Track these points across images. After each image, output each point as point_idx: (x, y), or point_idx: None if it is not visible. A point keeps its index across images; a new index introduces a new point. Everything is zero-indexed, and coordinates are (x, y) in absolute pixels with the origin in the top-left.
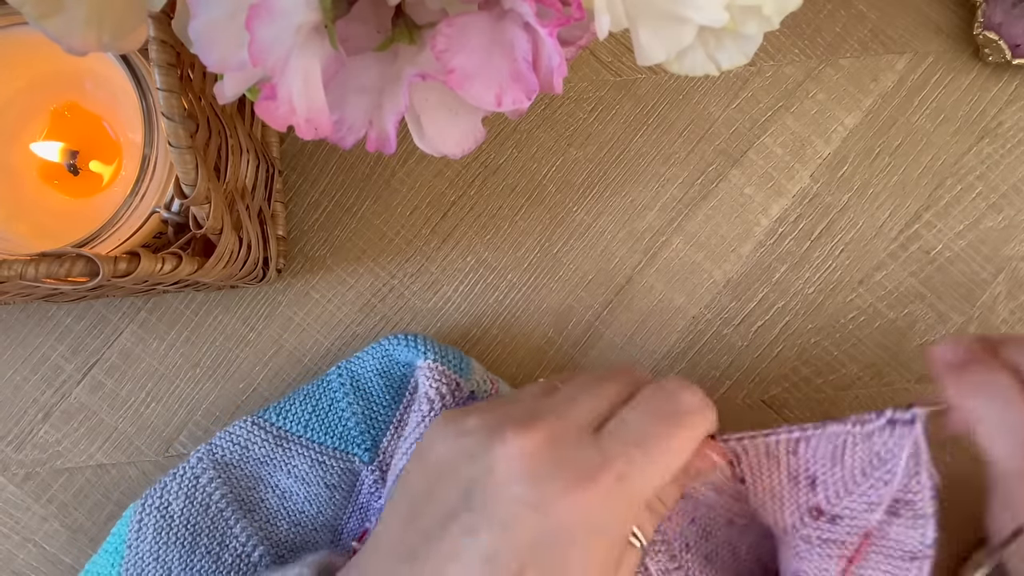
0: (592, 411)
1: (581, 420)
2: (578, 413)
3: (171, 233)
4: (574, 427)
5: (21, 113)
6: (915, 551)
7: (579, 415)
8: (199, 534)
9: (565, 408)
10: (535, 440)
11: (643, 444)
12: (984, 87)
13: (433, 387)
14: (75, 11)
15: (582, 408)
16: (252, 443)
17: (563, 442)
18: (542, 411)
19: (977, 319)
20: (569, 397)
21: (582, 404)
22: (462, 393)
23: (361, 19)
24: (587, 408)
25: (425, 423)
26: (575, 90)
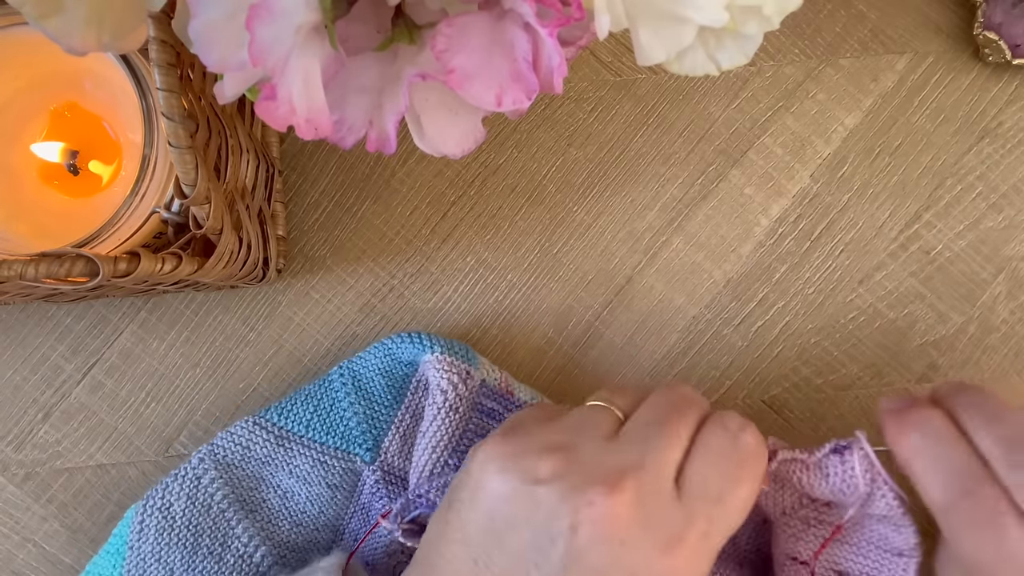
0: (672, 460)
1: (663, 474)
2: (659, 466)
3: (171, 233)
4: (659, 484)
5: (21, 113)
6: (902, 550)
7: (660, 468)
8: (201, 535)
9: (645, 459)
10: (623, 502)
11: (721, 500)
12: (984, 87)
13: (444, 378)
14: (75, 11)
15: (662, 459)
16: (254, 443)
17: (650, 504)
18: (625, 465)
19: (977, 319)
20: (648, 444)
21: (662, 454)
22: (473, 382)
23: (361, 19)
24: (667, 458)
25: (442, 415)
26: (575, 90)
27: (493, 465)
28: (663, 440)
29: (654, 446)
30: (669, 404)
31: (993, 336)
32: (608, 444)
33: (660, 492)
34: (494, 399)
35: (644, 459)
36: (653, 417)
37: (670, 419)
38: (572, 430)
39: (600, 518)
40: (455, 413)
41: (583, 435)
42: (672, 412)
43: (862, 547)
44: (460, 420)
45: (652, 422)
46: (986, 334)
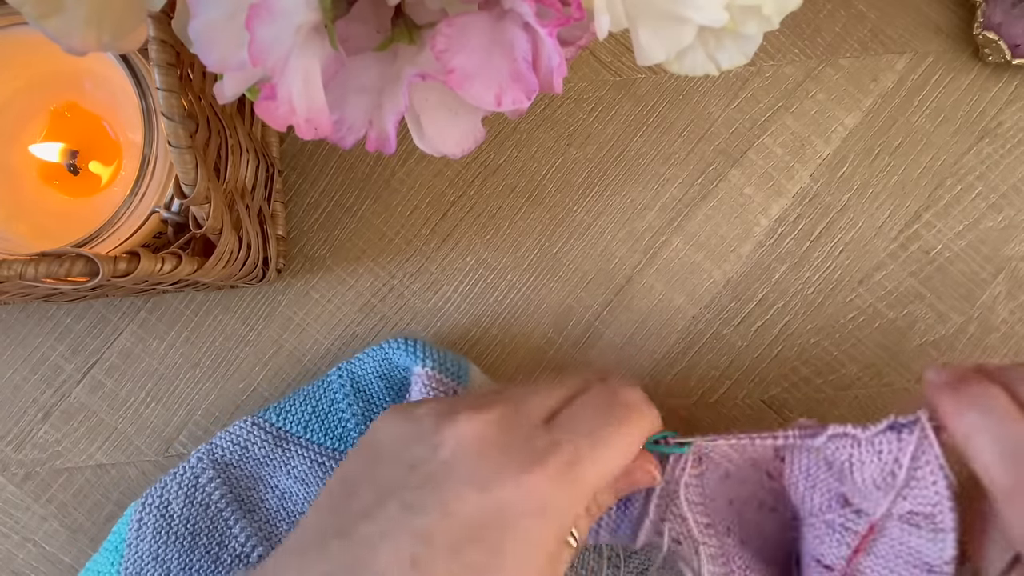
0: (542, 404)
1: (532, 410)
2: (529, 404)
3: (171, 233)
4: (525, 415)
5: (21, 113)
6: (932, 564)
7: (530, 406)
8: (198, 534)
9: (517, 399)
10: (486, 421)
11: (591, 435)
12: (984, 87)
13: (431, 396)
14: (75, 11)
15: (533, 400)
16: (252, 443)
17: (514, 427)
18: (495, 399)
19: (977, 319)
20: (523, 390)
21: (533, 397)
22: None
23: (361, 19)
24: (538, 401)
25: None
26: (575, 90)
27: (381, 419)
28: (541, 388)
29: (526, 391)
30: (564, 377)
31: (993, 336)
32: (489, 393)
33: (525, 421)
34: None
35: (517, 398)
36: (544, 382)
37: (555, 383)
38: (466, 392)
39: (462, 434)
40: None
41: (470, 392)
42: (562, 380)
43: (889, 560)
44: None
45: (540, 384)
46: (986, 334)
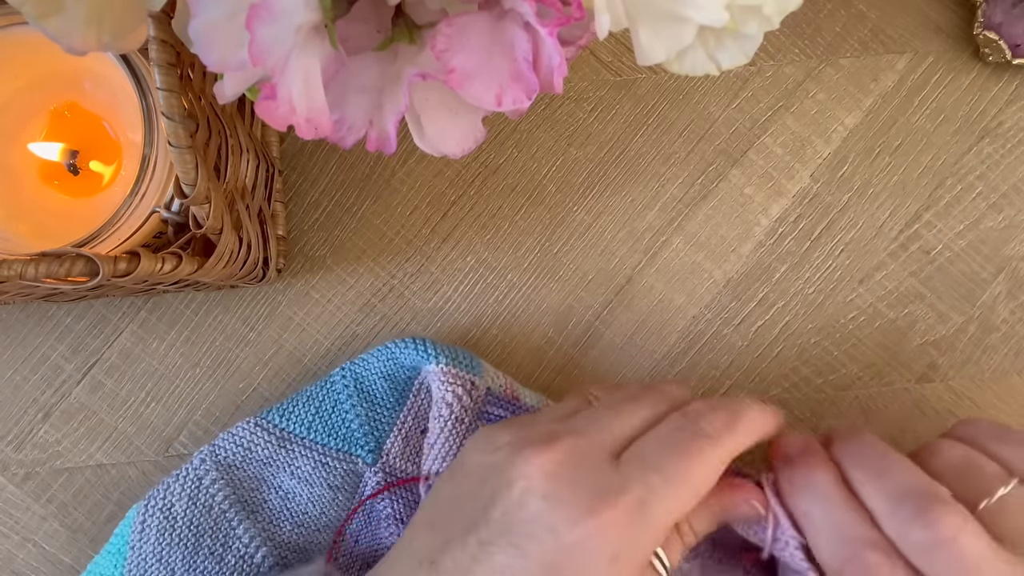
0: (616, 434)
1: (604, 442)
2: (602, 435)
3: (171, 233)
4: (595, 449)
5: (21, 113)
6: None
7: (602, 437)
8: (202, 535)
9: (589, 428)
10: (554, 460)
11: (661, 470)
12: (984, 87)
13: (449, 391)
14: (75, 11)
15: (606, 429)
16: (255, 444)
17: (582, 464)
18: (567, 430)
19: (977, 319)
20: (596, 417)
21: (607, 425)
22: (479, 392)
23: (361, 19)
24: (612, 430)
25: (447, 428)
26: (575, 90)
27: (471, 442)
28: (610, 414)
29: (599, 417)
30: (647, 391)
31: (993, 336)
32: (563, 418)
33: (595, 455)
34: (500, 406)
35: (587, 427)
36: (613, 401)
37: (636, 400)
38: (552, 408)
39: (531, 474)
40: (461, 425)
41: (556, 410)
42: (643, 395)
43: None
44: (466, 431)
45: (619, 401)
46: (986, 334)
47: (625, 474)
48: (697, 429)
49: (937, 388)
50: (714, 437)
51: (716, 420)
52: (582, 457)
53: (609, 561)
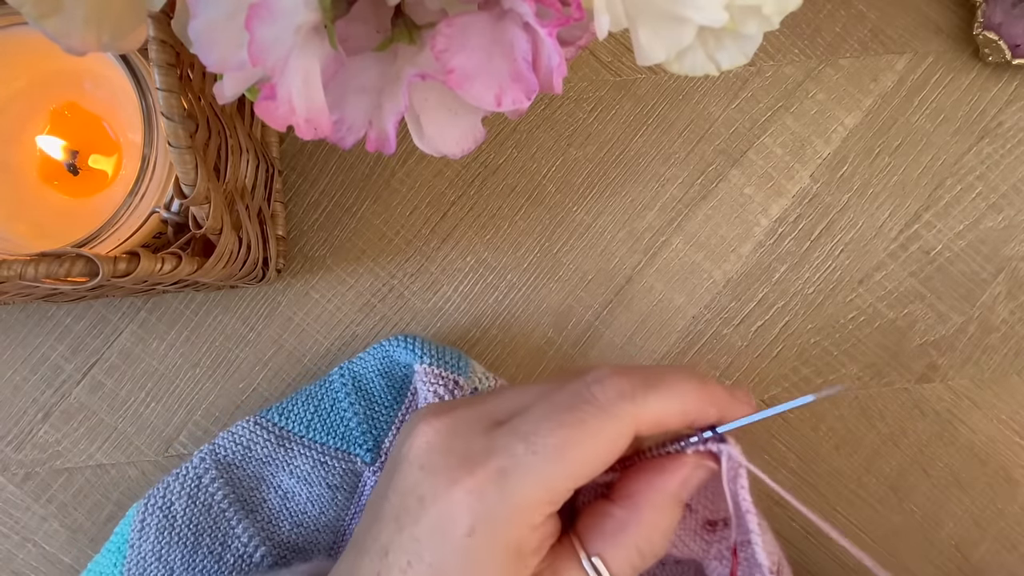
0: (509, 403)
1: (491, 412)
2: (494, 405)
3: (171, 233)
4: (480, 419)
5: (21, 113)
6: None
7: (492, 407)
8: (201, 534)
9: (488, 399)
10: (436, 428)
11: (528, 439)
12: (984, 87)
13: (431, 391)
14: (74, 11)
15: (503, 399)
16: (254, 443)
17: (460, 433)
18: (464, 402)
19: (977, 319)
20: (502, 389)
21: (506, 396)
22: (463, 392)
23: (361, 19)
24: (506, 400)
25: None
26: (575, 90)
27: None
28: (518, 387)
29: (504, 389)
30: (579, 370)
31: (993, 336)
32: (479, 395)
33: (476, 425)
34: None
35: (485, 400)
36: (551, 377)
37: (557, 377)
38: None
39: (414, 442)
40: None
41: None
42: (570, 372)
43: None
44: None
45: (543, 381)
46: (986, 334)
47: (493, 441)
48: (586, 395)
49: (937, 388)
50: (603, 406)
51: (611, 387)
52: (462, 426)
53: (464, 534)
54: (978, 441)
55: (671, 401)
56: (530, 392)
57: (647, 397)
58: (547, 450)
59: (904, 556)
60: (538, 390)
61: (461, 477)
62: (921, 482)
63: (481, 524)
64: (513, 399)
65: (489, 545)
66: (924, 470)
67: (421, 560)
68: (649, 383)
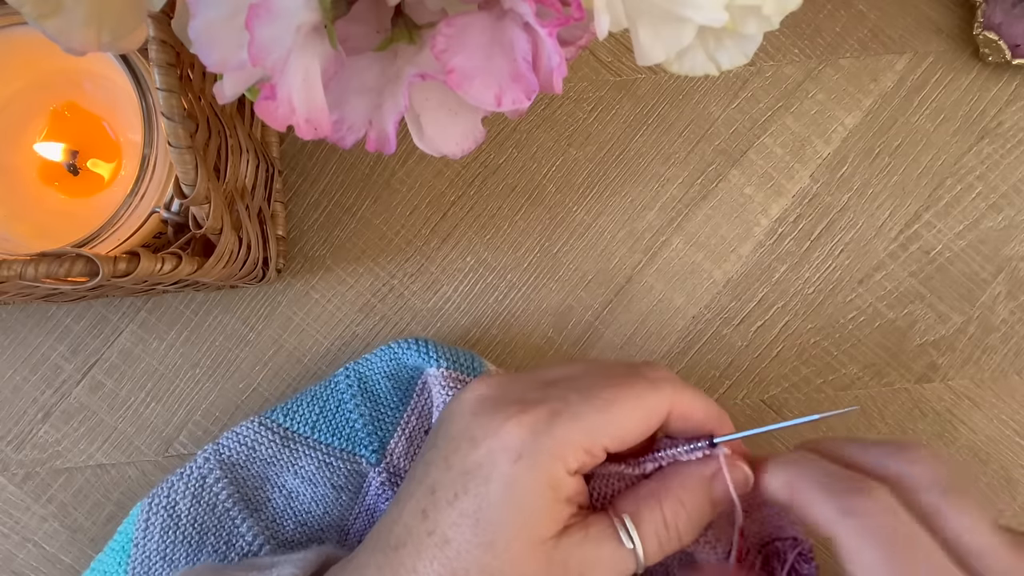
0: (558, 372)
1: (544, 376)
2: (543, 372)
3: (171, 233)
4: (533, 377)
5: (21, 113)
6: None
7: (543, 374)
8: (206, 533)
9: (533, 370)
10: (489, 384)
11: (583, 390)
12: (984, 87)
13: (450, 395)
14: (74, 11)
15: (550, 370)
16: (259, 443)
17: (514, 386)
18: (519, 373)
19: (977, 319)
20: (549, 363)
21: (553, 368)
22: None
23: (361, 19)
24: (554, 370)
25: None
26: (575, 90)
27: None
28: (561, 362)
29: (552, 363)
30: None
31: (993, 336)
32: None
33: (530, 382)
34: None
35: (535, 369)
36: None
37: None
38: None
39: (466, 395)
40: None
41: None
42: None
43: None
44: None
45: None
46: (986, 334)
47: (548, 392)
48: (637, 371)
49: (937, 388)
50: (652, 379)
51: (659, 370)
52: (517, 382)
53: (511, 459)
54: (978, 441)
55: (701, 402)
56: (578, 365)
57: (686, 389)
58: (598, 401)
59: None
60: (586, 363)
61: (515, 414)
62: None
63: (528, 454)
64: (561, 369)
65: (531, 475)
66: None
67: (467, 492)
68: (686, 383)
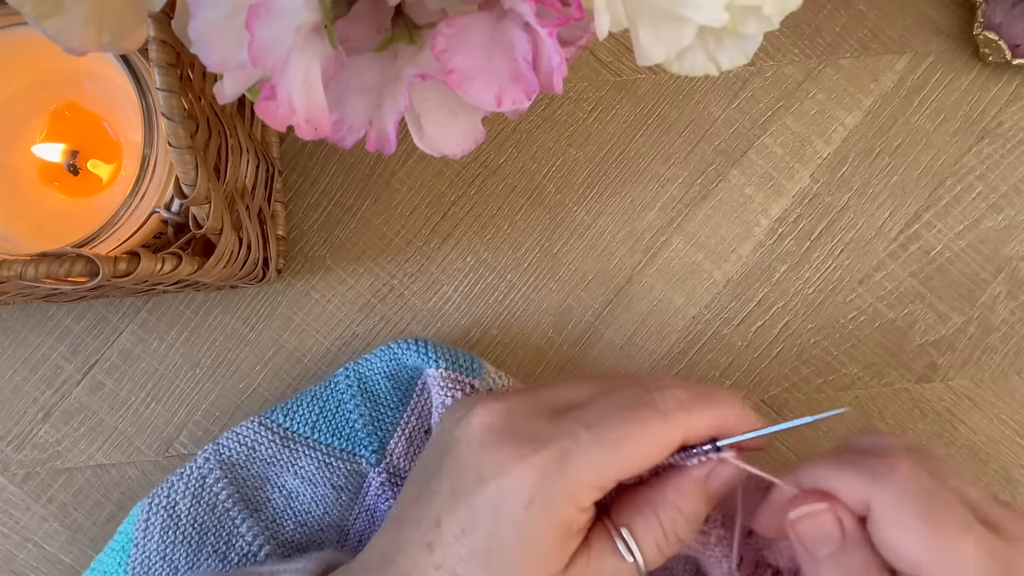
0: (561, 397)
1: (550, 402)
2: (549, 395)
3: (171, 233)
4: (539, 406)
5: (21, 113)
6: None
7: (549, 396)
8: (206, 533)
9: (542, 391)
10: (496, 411)
11: (593, 427)
12: (984, 87)
13: (449, 395)
14: (74, 11)
15: (556, 393)
16: (259, 443)
17: (521, 417)
18: (519, 392)
19: (977, 319)
20: (555, 385)
21: (558, 390)
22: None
23: (361, 19)
24: (561, 394)
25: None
26: (575, 90)
27: (446, 410)
28: (571, 383)
29: (558, 385)
30: (624, 376)
31: (993, 336)
32: (529, 388)
33: (537, 411)
34: None
35: (541, 390)
36: (597, 378)
37: (605, 379)
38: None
39: (472, 423)
40: None
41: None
42: (615, 377)
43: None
44: None
45: (590, 380)
46: (986, 334)
47: (558, 426)
48: (648, 399)
49: (937, 388)
50: (663, 411)
51: (671, 397)
52: (523, 411)
53: (524, 506)
54: (978, 441)
55: (717, 418)
56: (585, 388)
57: (701, 411)
58: (608, 440)
59: None
60: (593, 386)
61: (528, 454)
62: None
63: (540, 498)
64: (568, 393)
65: (544, 519)
66: None
67: (477, 529)
68: (704, 399)
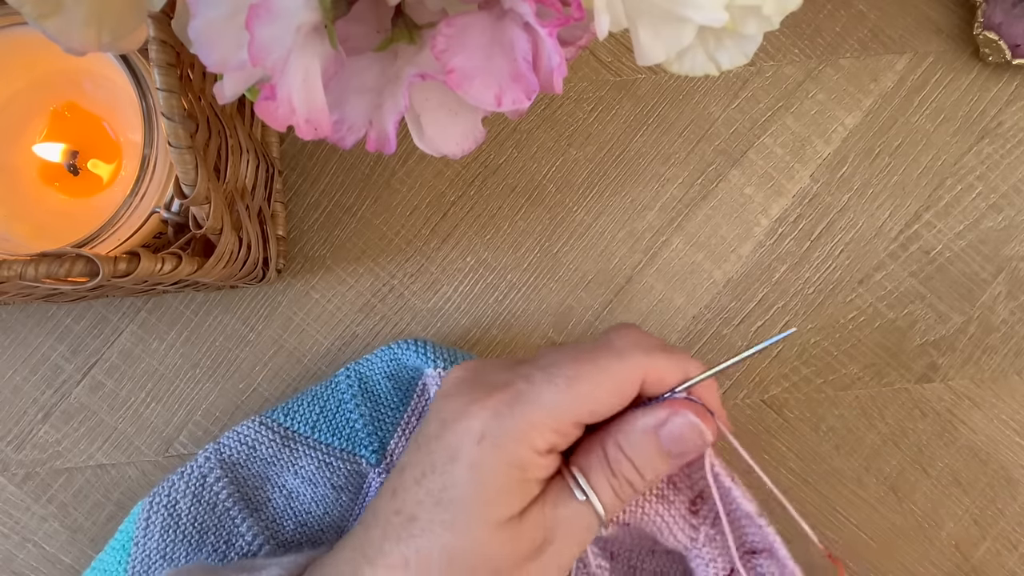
0: (537, 355)
1: (520, 359)
2: (521, 357)
3: (171, 233)
4: (507, 362)
5: (21, 113)
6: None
7: (520, 357)
8: (206, 532)
9: (515, 357)
10: (466, 367)
11: (547, 368)
12: (984, 87)
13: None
14: (74, 11)
15: (530, 356)
16: (259, 443)
17: (488, 369)
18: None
19: (977, 319)
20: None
21: (535, 355)
22: None
23: (361, 19)
24: (534, 355)
25: None
26: (575, 90)
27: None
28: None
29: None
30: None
31: (993, 336)
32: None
33: (502, 365)
34: None
35: (513, 357)
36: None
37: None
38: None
39: (447, 379)
40: None
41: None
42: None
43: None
44: None
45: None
46: (986, 334)
47: (515, 371)
48: (603, 340)
49: (937, 388)
50: (618, 350)
51: (628, 336)
52: (492, 366)
53: (475, 441)
54: (978, 441)
55: (678, 366)
56: (558, 347)
57: (659, 355)
58: (560, 379)
59: (904, 556)
60: (568, 345)
61: (481, 397)
62: (921, 482)
63: (490, 434)
64: (541, 353)
65: (495, 457)
66: (924, 470)
67: (434, 471)
68: (666, 347)
